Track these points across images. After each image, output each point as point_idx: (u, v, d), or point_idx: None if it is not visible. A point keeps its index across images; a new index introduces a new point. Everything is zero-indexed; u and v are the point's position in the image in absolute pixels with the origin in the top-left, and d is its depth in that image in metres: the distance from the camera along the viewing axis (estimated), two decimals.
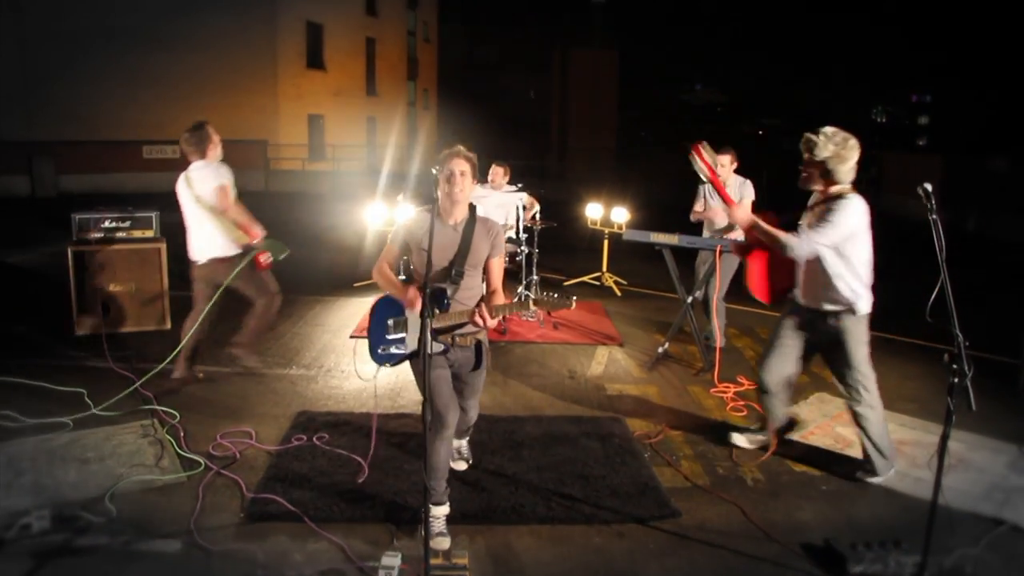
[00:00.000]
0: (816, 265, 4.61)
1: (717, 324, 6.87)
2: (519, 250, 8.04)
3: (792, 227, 4.73)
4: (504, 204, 8.30)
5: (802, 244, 4.52)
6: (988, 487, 4.68)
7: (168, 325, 7.51)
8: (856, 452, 4.98)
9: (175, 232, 6.58)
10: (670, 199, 17.44)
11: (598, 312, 8.69)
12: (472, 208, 4.04)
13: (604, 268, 10.26)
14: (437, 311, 3.78)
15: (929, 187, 3.51)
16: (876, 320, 8.38)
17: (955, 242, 15.56)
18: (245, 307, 6.23)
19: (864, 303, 4.73)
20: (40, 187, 20.91)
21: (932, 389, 6.36)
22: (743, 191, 7.07)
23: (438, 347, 3.87)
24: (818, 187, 4.64)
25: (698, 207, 7.34)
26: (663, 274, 7.37)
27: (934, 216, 3.46)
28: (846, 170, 4.54)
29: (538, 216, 8.30)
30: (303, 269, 7.05)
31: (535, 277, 8.29)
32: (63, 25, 23.51)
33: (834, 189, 4.59)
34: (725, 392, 6.20)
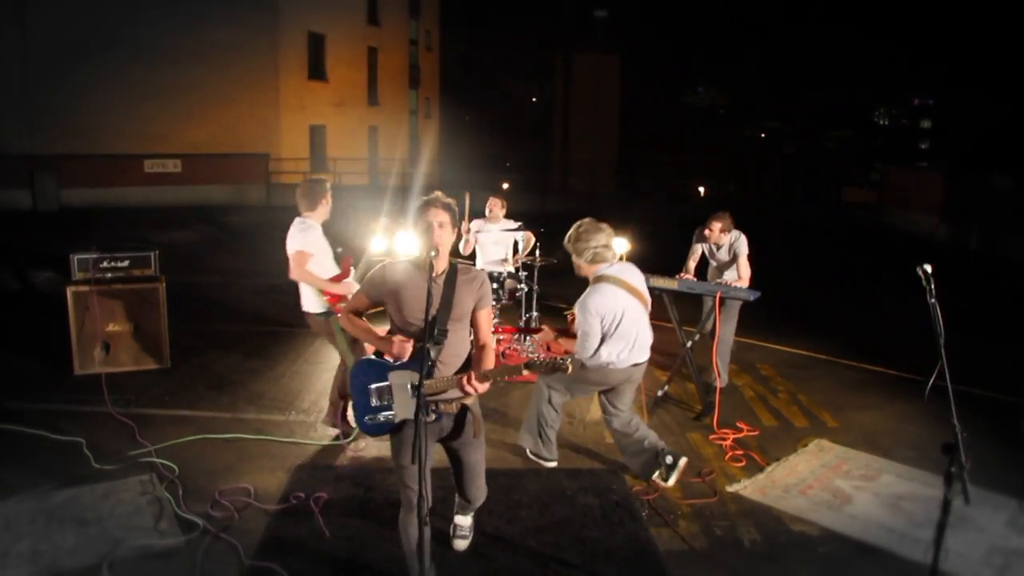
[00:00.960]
0: None
1: (717, 369, 6.84)
2: (519, 286, 8.05)
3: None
4: (502, 240, 8.31)
5: (582, 355, 5.12)
6: (987, 549, 4.66)
7: (168, 364, 7.52)
8: (855, 507, 5.01)
9: (179, 254, 6.60)
10: (672, 224, 17.48)
11: None
12: (454, 264, 3.81)
13: None
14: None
15: (929, 268, 3.44)
16: (872, 353, 8.44)
17: (957, 261, 15.52)
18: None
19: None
20: (42, 201, 20.94)
21: (931, 432, 6.32)
22: (737, 248, 7.03)
23: (430, 417, 3.70)
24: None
25: (691, 263, 7.31)
26: (664, 303, 7.33)
27: (933, 300, 3.41)
28: (587, 255, 5.12)
29: (537, 252, 8.29)
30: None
31: (535, 313, 8.30)
32: (66, 37, 23.49)
33: (593, 272, 5.18)
34: (724, 439, 6.19)
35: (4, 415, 6.16)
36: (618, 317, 5.03)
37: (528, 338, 8.19)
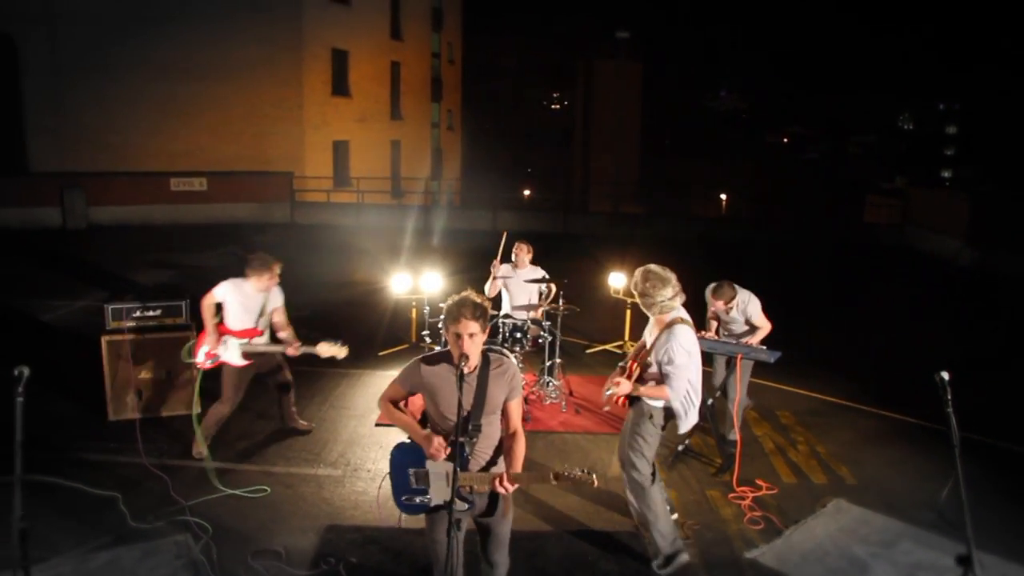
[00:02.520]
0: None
1: (738, 427, 6.92)
2: (542, 334, 8.20)
3: None
4: (527, 287, 8.46)
5: (674, 397, 5.06)
6: None
7: (198, 409, 7.70)
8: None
9: (205, 279, 6.86)
10: (696, 250, 17.55)
11: None
12: (485, 353, 3.96)
13: (627, 337, 10.37)
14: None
15: (946, 376, 3.52)
16: (894, 397, 8.48)
17: (982, 285, 15.45)
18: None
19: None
20: (71, 219, 21.32)
21: (951, 492, 6.38)
22: (748, 313, 7.08)
23: (463, 505, 3.92)
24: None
25: (714, 321, 7.38)
26: None
27: (949, 409, 3.49)
28: (660, 304, 5.05)
29: (560, 301, 8.42)
30: (328, 332, 7.21)
31: (558, 360, 8.44)
32: (94, 55, 23.97)
33: (664, 319, 5.12)
34: (743, 498, 6.28)
35: (43, 465, 6.34)
36: (697, 359, 5.13)
37: (550, 383, 8.34)
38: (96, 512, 5.73)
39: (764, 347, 6.76)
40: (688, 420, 5.14)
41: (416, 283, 9.74)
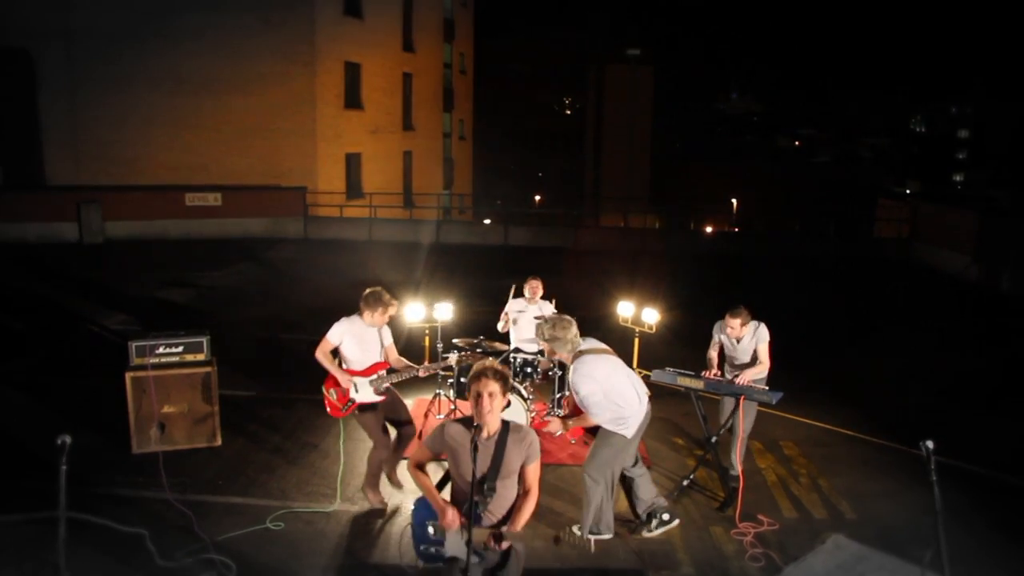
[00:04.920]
0: None
1: (741, 466, 7.13)
2: (553, 368, 8.43)
3: None
4: (539, 321, 8.68)
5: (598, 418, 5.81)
6: None
7: (219, 442, 7.98)
8: None
9: (219, 299, 7.02)
10: (704, 266, 17.72)
11: None
12: (504, 420, 4.26)
13: (635, 366, 10.56)
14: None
15: (931, 445, 3.72)
16: (895, 425, 8.66)
17: (987, 303, 15.52)
18: None
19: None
20: (88, 234, 21.69)
21: (951, 529, 6.56)
22: (758, 337, 7.29)
23: (475, 559, 4.18)
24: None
25: (714, 353, 7.59)
26: (692, 366, 7.56)
27: (934, 478, 3.68)
28: (566, 346, 5.83)
29: None
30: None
31: (567, 392, 8.65)
32: (110, 70, 24.39)
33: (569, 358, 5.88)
34: (745, 535, 6.50)
35: (71, 499, 6.59)
36: (612, 374, 5.82)
37: (561, 413, 8.57)
38: (125, 549, 5.96)
39: (766, 388, 6.97)
40: (628, 426, 5.88)
41: (429, 313, 9.96)
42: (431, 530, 4.33)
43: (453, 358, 7.21)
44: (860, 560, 6.19)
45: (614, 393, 5.76)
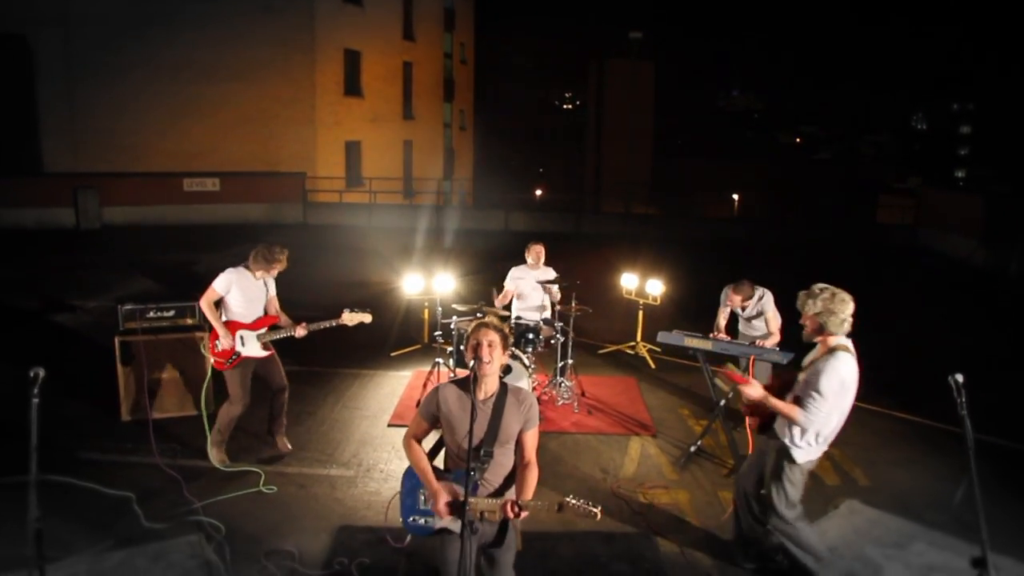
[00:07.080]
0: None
1: (751, 434, 6.90)
2: (556, 335, 8.21)
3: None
4: (540, 287, 8.46)
5: (807, 424, 4.68)
6: None
7: (212, 409, 7.73)
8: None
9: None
10: (709, 252, 17.48)
11: (632, 391, 8.78)
12: (503, 381, 3.97)
13: (639, 338, 10.35)
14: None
15: (960, 378, 3.46)
16: (907, 399, 8.43)
17: (995, 288, 15.33)
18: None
19: (800, 453, 4.83)
20: (85, 219, 21.48)
21: (966, 494, 6.34)
22: (764, 306, 7.10)
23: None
24: (818, 339, 4.89)
25: (722, 320, 7.40)
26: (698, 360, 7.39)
27: (964, 411, 3.44)
28: (837, 323, 4.79)
29: (574, 302, 8.41)
30: (339, 333, 7.25)
31: (570, 361, 8.43)
32: (107, 56, 24.13)
33: (831, 342, 4.85)
34: None
35: (57, 465, 6.37)
36: (851, 390, 4.80)
37: (562, 384, 8.33)
38: (110, 512, 5.75)
39: (777, 348, 6.75)
40: (816, 447, 4.85)
41: (428, 284, 9.73)
42: (422, 498, 4.01)
43: (360, 316, 6.98)
44: (875, 524, 6.00)
45: (841, 408, 4.80)
